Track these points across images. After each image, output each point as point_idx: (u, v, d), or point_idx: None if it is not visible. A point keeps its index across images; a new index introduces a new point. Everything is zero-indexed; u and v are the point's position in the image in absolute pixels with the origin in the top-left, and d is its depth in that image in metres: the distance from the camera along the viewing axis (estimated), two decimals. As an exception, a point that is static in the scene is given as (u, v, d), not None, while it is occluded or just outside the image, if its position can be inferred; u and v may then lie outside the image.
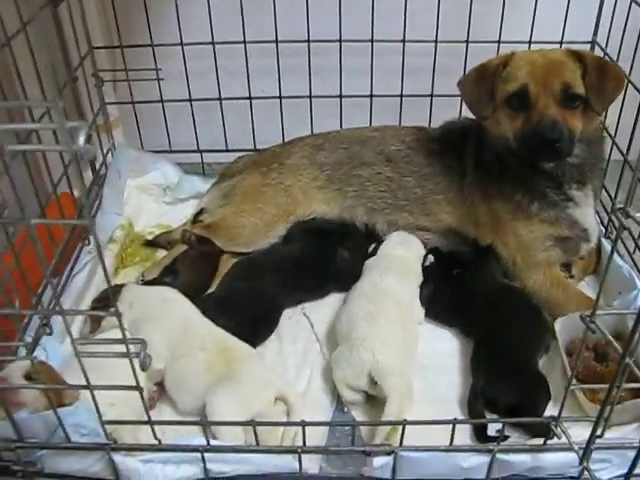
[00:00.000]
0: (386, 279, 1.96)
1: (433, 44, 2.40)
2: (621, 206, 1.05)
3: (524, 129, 1.89)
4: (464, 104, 2.38)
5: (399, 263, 2.04)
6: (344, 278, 2.04)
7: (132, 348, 1.29)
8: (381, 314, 1.83)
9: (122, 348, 1.28)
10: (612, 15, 2.20)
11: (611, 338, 1.19)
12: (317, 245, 2.16)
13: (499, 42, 2.36)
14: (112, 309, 1.26)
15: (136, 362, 1.29)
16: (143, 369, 1.30)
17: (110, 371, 1.39)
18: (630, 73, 2.02)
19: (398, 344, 1.79)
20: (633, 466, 1.26)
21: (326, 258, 2.12)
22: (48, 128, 0.95)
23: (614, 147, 2.16)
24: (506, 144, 1.98)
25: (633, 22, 2.05)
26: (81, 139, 0.95)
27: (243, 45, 2.42)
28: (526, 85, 1.88)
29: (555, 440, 1.47)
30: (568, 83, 1.86)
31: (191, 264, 2.12)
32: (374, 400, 1.75)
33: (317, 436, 1.65)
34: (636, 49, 2.05)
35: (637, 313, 1.13)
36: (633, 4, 1.98)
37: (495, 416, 1.69)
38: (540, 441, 1.49)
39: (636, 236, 2.04)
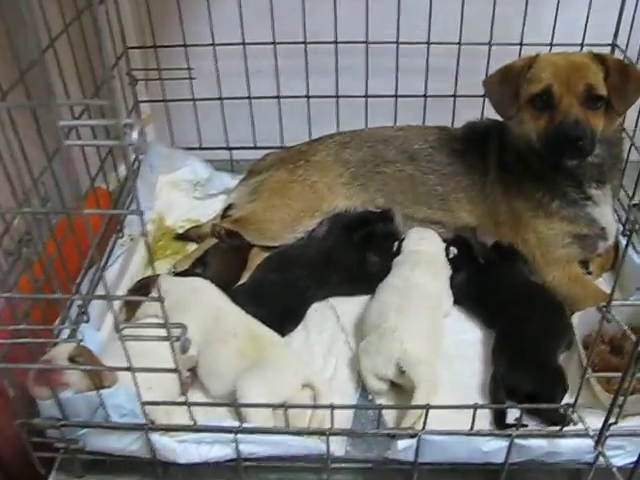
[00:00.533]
0: (417, 273, 2.03)
1: (457, 46, 2.47)
2: (636, 202, 1.12)
3: (547, 128, 1.95)
4: (487, 104, 2.45)
5: (426, 258, 2.11)
6: (375, 282, 2.07)
7: (172, 332, 1.37)
8: (411, 307, 1.89)
9: (163, 332, 1.35)
10: (632, 19, 2.25)
11: (625, 327, 1.25)
12: (349, 245, 2.23)
13: (521, 44, 2.41)
14: (154, 295, 1.34)
15: (177, 345, 1.37)
16: (184, 352, 1.38)
17: (145, 359, 1.43)
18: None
19: (426, 336, 1.86)
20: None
21: (357, 262, 2.18)
22: (106, 124, 1.02)
23: (632, 148, 2.20)
24: (529, 143, 2.04)
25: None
26: (134, 135, 1.04)
27: (273, 46, 2.50)
28: (550, 86, 1.94)
29: (571, 427, 1.54)
30: (591, 84, 1.92)
31: (221, 256, 2.19)
32: (398, 390, 1.82)
33: (343, 421, 1.71)
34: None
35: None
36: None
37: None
38: (557, 428, 1.55)
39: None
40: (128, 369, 1.41)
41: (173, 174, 2.64)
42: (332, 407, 1.52)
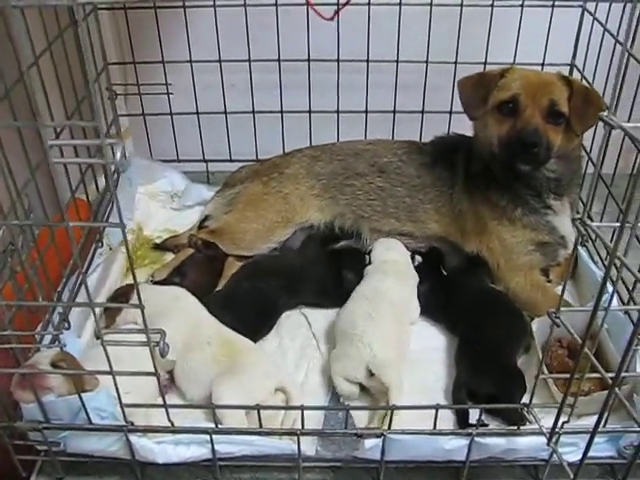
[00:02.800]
0: (386, 282, 2.11)
1: (424, 64, 2.56)
2: (579, 216, 1.22)
3: (509, 133, 2.06)
4: (453, 120, 2.58)
5: (395, 267, 2.19)
6: (346, 297, 2.12)
7: (152, 337, 1.45)
8: (379, 314, 1.97)
9: (143, 338, 1.43)
10: (588, 41, 2.37)
11: (572, 331, 1.36)
12: (322, 259, 2.31)
13: (485, 63, 2.51)
14: (134, 303, 1.42)
15: (156, 350, 1.45)
16: (162, 355, 1.46)
17: (123, 365, 1.50)
18: (603, 94, 2.19)
19: (393, 341, 1.94)
20: (587, 448, 1.40)
21: (331, 279, 2.25)
22: (93, 144, 1.10)
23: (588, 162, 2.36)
24: (491, 147, 2.14)
25: (607, 48, 2.20)
26: (118, 154, 1.12)
27: (248, 63, 2.57)
28: (518, 95, 2.05)
29: (527, 425, 1.65)
30: (555, 100, 2.04)
31: (198, 266, 2.26)
32: (366, 394, 1.90)
33: (313, 423, 1.79)
34: (609, 72, 2.22)
35: (592, 310, 1.29)
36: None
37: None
38: (514, 427, 1.65)
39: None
40: (109, 373, 1.48)
41: (151, 185, 2.70)
42: (302, 408, 1.60)
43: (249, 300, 2.11)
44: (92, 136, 1.08)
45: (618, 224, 1.18)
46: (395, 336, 1.97)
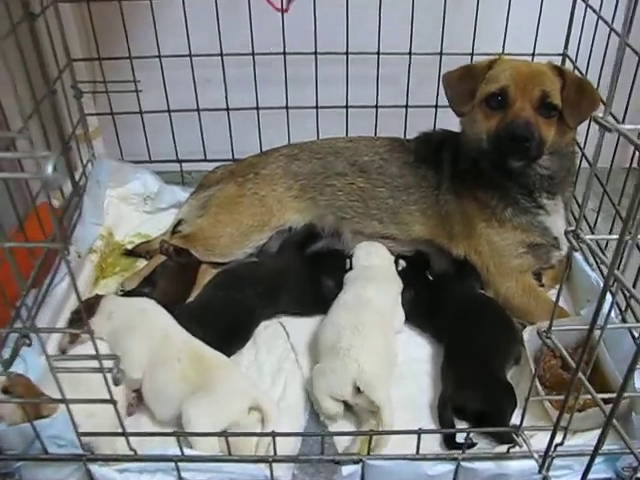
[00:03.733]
0: (369, 290, 2.00)
1: (407, 56, 2.44)
2: (572, 229, 1.10)
3: (498, 127, 1.95)
4: (439, 115, 2.46)
5: (378, 273, 2.09)
6: (328, 304, 2.03)
7: (106, 363, 1.33)
8: (365, 325, 1.86)
9: (97, 363, 1.31)
10: (581, 29, 2.26)
11: (565, 353, 1.24)
12: (301, 265, 2.20)
13: (472, 54, 2.41)
14: (85, 326, 1.31)
15: (109, 377, 1.33)
16: (116, 384, 1.34)
17: (88, 382, 1.41)
18: (598, 86, 2.08)
19: (381, 354, 1.83)
20: (587, 472, 1.30)
21: (311, 286, 2.14)
22: (16, 157, 0.97)
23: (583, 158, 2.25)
24: (479, 143, 2.03)
25: (601, 36, 2.10)
26: (49, 168, 0.99)
27: (220, 57, 2.46)
28: (507, 86, 1.95)
29: (517, 448, 1.53)
30: (547, 92, 1.93)
31: (169, 275, 2.15)
32: (350, 412, 1.79)
33: (290, 444, 1.69)
34: (603, 63, 2.11)
35: (588, 329, 1.17)
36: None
37: (464, 422, 1.74)
38: (504, 449, 1.54)
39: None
40: (62, 401, 1.37)
41: (122, 188, 2.58)
42: (273, 435, 1.49)
43: (223, 311, 2.00)
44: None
45: (615, 237, 1.06)
46: (383, 349, 1.86)
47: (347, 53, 2.43)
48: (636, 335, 1.78)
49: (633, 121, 1.07)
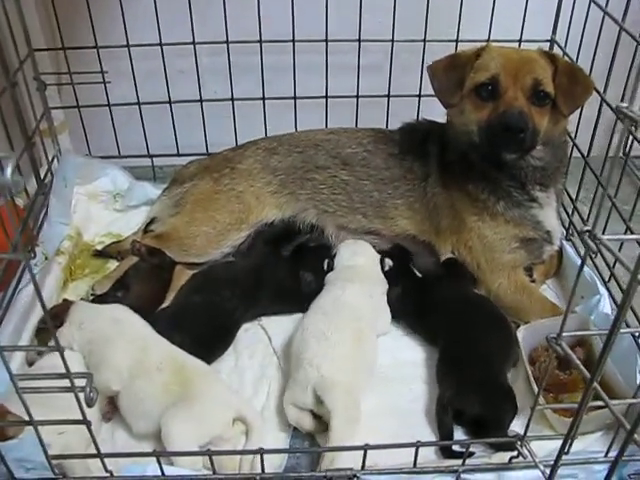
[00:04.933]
0: (348, 292, 1.91)
1: (390, 43, 2.35)
2: (589, 229, 1.00)
3: (490, 118, 1.87)
4: (422, 104, 2.38)
5: (361, 274, 2.00)
6: (309, 299, 1.95)
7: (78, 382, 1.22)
8: (336, 332, 1.77)
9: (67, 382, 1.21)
10: (571, 14, 2.19)
11: (578, 362, 1.15)
12: (278, 261, 2.12)
13: (457, 41, 2.34)
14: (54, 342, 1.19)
15: (81, 396, 1.22)
16: (89, 405, 1.23)
17: (58, 400, 1.29)
18: (590, 72, 2.01)
19: (349, 361, 1.73)
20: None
21: (289, 280, 2.06)
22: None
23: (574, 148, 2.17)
24: (469, 136, 1.95)
25: (592, 21, 2.04)
26: (8, 171, 0.87)
27: (192, 46, 2.35)
28: (497, 75, 1.87)
29: (520, 458, 1.45)
30: (539, 80, 1.86)
31: (143, 277, 2.04)
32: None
33: (277, 456, 1.60)
34: (596, 49, 2.04)
35: (607, 334, 1.09)
36: (592, 4, 1.97)
37: (460, 428, 1.67)
38: (505, 456, 1.47)
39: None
40: (29, 423, 1.26)
41: (91, 185, 2.46)
42: (262, 452, 1.39)
43: (201, 316, 1.89)
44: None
45: (634, 236, 0.97)
46: (353, 355, 1.75)
47: (326, 40, 2.34)
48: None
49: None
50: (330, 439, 1.54)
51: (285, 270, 2.08)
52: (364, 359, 1.79)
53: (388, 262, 2.07)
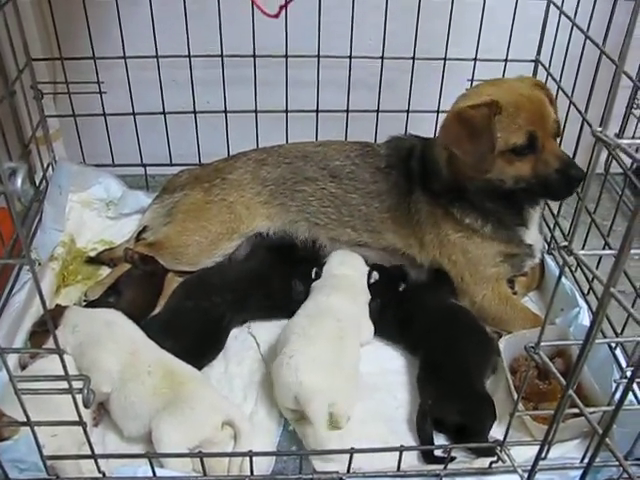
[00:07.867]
0: (332, 298, 1.95)
1: (379, 60, 2.39)
2: (565, 244, 1.06)
3: (537, 172, 1.89)
4: (410, 119, 2.43)
5: (346, 283, 2.04)
6: (296, 307, 1.99)
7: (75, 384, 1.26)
8: (317, 333, 1.81)
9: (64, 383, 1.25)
10: (555, 36, 2.24)
11: (554, 370, 1.20)
12: (273, 270, 2.14)
13: (445, 59, 2.38)
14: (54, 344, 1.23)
15: (79, 397, 1.26)
16: (86, 406, 1.27)
17: (53, 399, 1.34)
18: (572, 92, 2.07)
19: (328, 364, 1.75)
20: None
21: (280, 288, 2.09)
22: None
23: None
24: (502, 186, 1.95)
25: (575, 41, 2.08)
26: (19, 181, 0.92)
27: (188, 59, 2.38)
28: (534, 132, 1.87)
29: (500, 463, 1.51)
30: (557, 120, 1.91)
31: (135, 284, 2.07)
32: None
33: (265, 460, 1.64)
34: (578, 69, 2.10)
35: (582, 343, 1.14)
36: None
37: (442, 435, 1.72)
38: (486, 461, 1.52)
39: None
40: (26, 424, 1.30)
41: (84, 192, 2.49)
42: (251, 454, 1.44)
43: (192, 322, 1.93)
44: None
45: (609, 252, 1.03)
46: (333, 360, 1.77)
47: (318, 56, 2.38)
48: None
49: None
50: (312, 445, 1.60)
51: (279, 278, 2.11)
52: (345, 359, 1.81)
53: (375, 275, 2.11)
